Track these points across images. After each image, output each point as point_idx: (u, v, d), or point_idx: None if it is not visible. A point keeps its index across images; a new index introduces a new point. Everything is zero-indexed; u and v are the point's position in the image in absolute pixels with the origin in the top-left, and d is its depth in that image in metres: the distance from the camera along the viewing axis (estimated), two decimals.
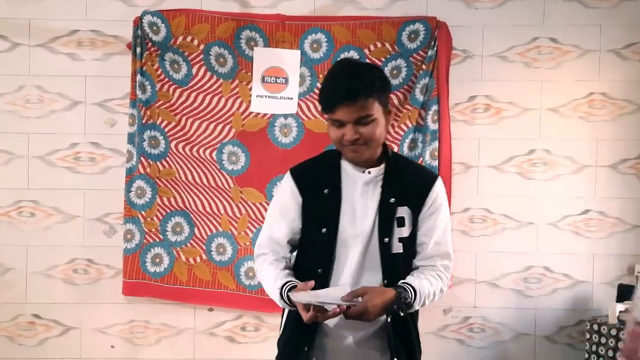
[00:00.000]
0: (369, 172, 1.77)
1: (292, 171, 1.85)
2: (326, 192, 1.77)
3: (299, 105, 2.89)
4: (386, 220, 1.74)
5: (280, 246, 1.82)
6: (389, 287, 1.68)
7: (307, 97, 2.89)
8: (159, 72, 2.86)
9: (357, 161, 1.77)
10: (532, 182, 2.93)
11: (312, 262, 1.77)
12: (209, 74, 2.87)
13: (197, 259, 2.91)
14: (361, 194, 1.76)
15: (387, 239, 1.73)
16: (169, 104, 2.88)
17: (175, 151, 2.89)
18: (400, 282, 1.70)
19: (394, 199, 1.75)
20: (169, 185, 2.90)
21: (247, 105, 2.88)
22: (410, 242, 1.77)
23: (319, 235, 1.76)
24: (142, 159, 2.86)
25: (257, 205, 2.89)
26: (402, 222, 1.75)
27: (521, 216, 2.94)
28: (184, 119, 2.88)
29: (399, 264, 1.76)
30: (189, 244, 2.91)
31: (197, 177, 2.90)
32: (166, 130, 2.88)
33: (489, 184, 2.94)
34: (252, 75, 2.88)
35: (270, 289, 1.77)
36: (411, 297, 1.66)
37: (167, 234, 2.91)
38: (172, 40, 2.83)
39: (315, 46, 2.86)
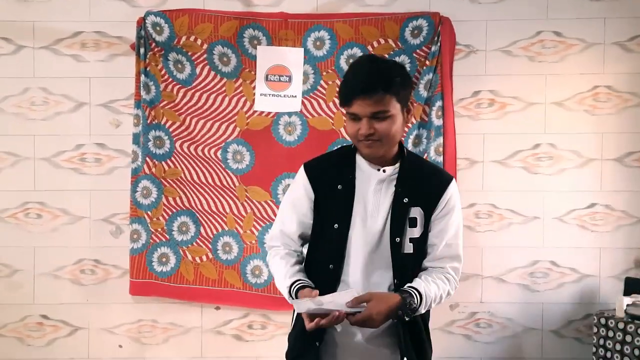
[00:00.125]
0: (384, 171, 1.76)
1: (305, 166, 1.84)
2: (340, 187, 1.77)
3: (303, 103, 2.89)
4: (399, 220, 1.74)
5: (291, 240, 1.82)
6: (396, 290, 1.68)
7: (311, 94, 2.89)
8: (163, 72, 2.87)
9: (372, 157, 1.76)
10: (538, 176, 2.93)
11: (323, 257, 1.77)
12: (212, 73, 2.88)
13: (204, 258, 2.92)
14: (374, 192, 1.75)
15: (398, 239, 1.73)
16: (173, 104, 2.88)
17: (180, 151, 2.89)
18: (406, 286, 1.69)
19: (407, 199, 1.74)
20: (175, 185, 2.91)
21: (251, 103, 2.89)
22: (421, 243, 1.76)
23: (331, 230, 1.75)
24: (147, 159, 2.87)
25: (263, 203, 2.89)
26: (414, 223, 1.75)
27: (527, 211, 2.93)
28: (189, 118, 2.89)
29: (409, 264, 1.75)
30: (195, 243, 2.92)
31: (202, 177, 2.90)
32: (171, 130, 2.89)
33: (494, 179, 2.93)
34: (255, 73, 2.88)
35: (280, 285, 1.78)
36: (417, 302, 1.66)
37: (173, 233, 2.92)
38: (176, 40, 2.84)
39: (318, 44, 2.86)
